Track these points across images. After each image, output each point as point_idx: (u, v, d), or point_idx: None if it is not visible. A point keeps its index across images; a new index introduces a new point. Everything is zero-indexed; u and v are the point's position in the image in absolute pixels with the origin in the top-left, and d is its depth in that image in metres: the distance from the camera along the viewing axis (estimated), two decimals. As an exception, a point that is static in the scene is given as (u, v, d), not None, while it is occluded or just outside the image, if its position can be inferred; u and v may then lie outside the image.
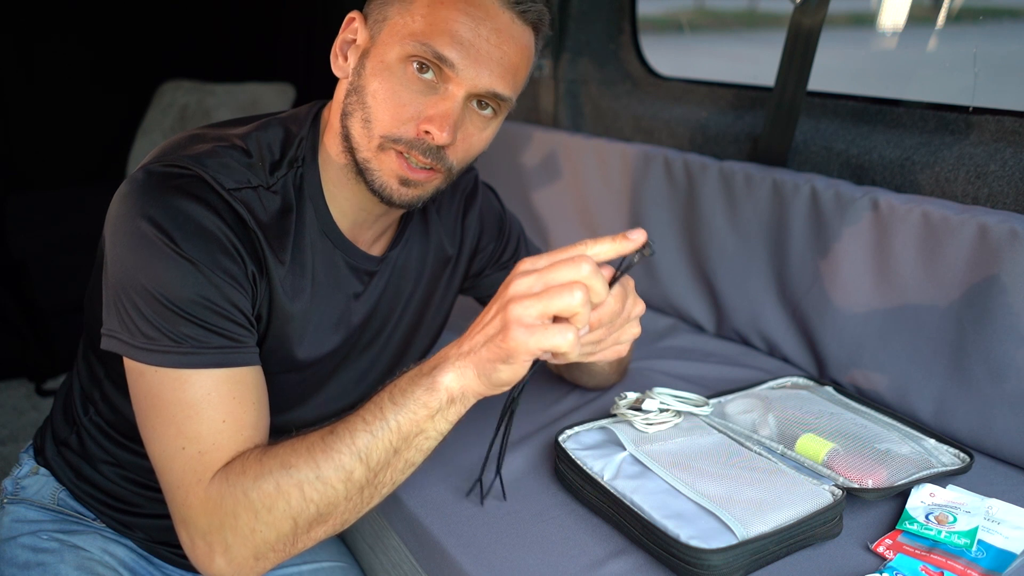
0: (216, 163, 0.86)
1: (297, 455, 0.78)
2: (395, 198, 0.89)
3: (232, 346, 0.83)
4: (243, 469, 0.79)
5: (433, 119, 0.84)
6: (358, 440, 0.77)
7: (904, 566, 0.84)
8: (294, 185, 0.92)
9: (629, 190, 1.68)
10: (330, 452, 0.77)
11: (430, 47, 0.83)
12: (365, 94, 0.87)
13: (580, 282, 0.69)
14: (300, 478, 0.77)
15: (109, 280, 0.85)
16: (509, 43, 0.86)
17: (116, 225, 0.84)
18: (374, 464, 0.77)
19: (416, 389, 0.76)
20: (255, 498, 0.77)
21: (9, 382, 2.58)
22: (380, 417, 0.77)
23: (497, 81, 0.86)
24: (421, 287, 1.10)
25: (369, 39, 0.89)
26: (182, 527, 0.82)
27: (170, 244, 0.80)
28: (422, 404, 0.76)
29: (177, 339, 0.81)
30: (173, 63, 3.05)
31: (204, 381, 0.81)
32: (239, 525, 0.78)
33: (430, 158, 0.87)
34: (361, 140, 0.88)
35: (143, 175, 0.84)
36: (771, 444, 1.05)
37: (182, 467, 0.81)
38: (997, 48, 1.42)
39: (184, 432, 0.81)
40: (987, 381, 1.10)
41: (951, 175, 1.22)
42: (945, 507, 0.93)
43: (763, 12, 6.28)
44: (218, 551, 0.79)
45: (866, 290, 1.25)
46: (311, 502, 0.77)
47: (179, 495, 0.81)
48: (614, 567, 0.88)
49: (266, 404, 0.87)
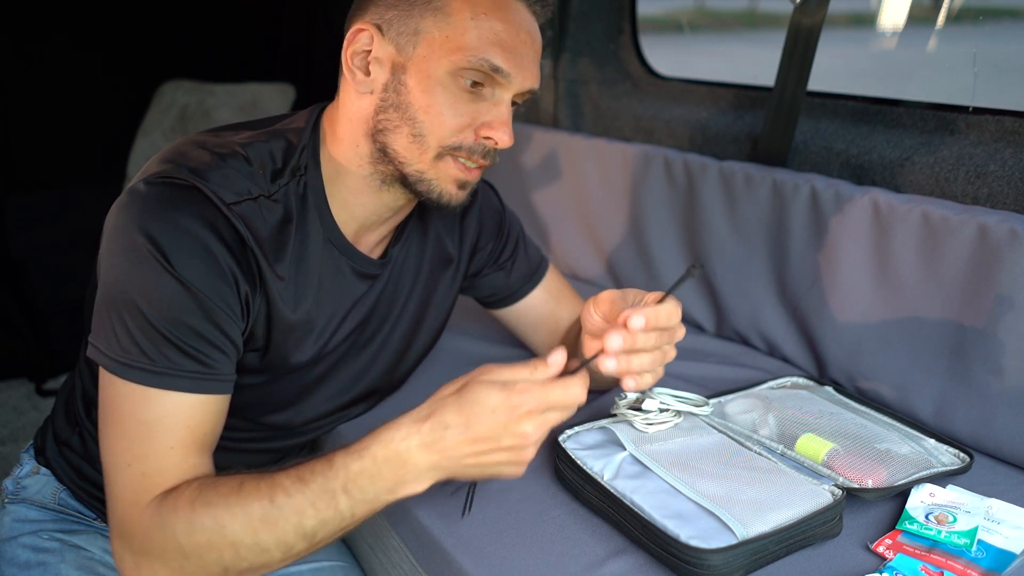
0: (217, 175, 0.86)
1: (232, 516, 0.77)
2: (454, 202, 0.93)
3: (204, 373, 0.84)
4: (175, 509, 0.79)
5: (494, 126, 0.89)
6: (305, 523, 0.77)
7: (904, 566, 0.84)
8: (296, 194, 0.92)
9: (629, 190, 1.68)
10: (271, 527, 0.77)
11: (487, 61, 0.86)
12: (412, 110, 0.88)
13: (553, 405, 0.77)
14: (235, 540, 0.77)
15: (100, 289, 0.85)
16: (537, 41, 0.92)
17: (113, 235, 0.84)
18: (319, 539, 0.79)
19: (379, 491, 0.77)
20: (185, 543, 0.78)
21: (9, 382, 2.58)
22: (333, 507, 0.77)
23: (535, 80, 0.91)
24: (420, 285, 1.10)
25: (398, 52, 0.88)
26: (116, 538, 0.83)
27: (164, 263, 0.80)
28: (384, 501, 0.78)
29: (152, 356, 0.81)
30: (173, 63, 3.05)
31: (165, 403, 0.82)
32: (168, 560, 0.79)
33: (488, 159, 0.92)
34: (411, 154, 0.90)
35: (144, 187, 0.84)
36: (771, 444, 1.05)
37: (124, 483, 0.82)
38: (997, 48, 1.42)
39: (133, 450, 0.82)
40: (987, 381, 1.10)
41: (951, 175, 1.22)
42: (945, 507, 0.93)
43: (763, 12, 6.28)
44: (144, 570, 0.81)
45: (866, 290, 1.25)
46: (244, 560, 0.78)
47: (118, 509, 0.82)
48: (614, 567, 0.88)
49: (219, 430, 0.88)
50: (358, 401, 1.13)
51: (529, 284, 1.24)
